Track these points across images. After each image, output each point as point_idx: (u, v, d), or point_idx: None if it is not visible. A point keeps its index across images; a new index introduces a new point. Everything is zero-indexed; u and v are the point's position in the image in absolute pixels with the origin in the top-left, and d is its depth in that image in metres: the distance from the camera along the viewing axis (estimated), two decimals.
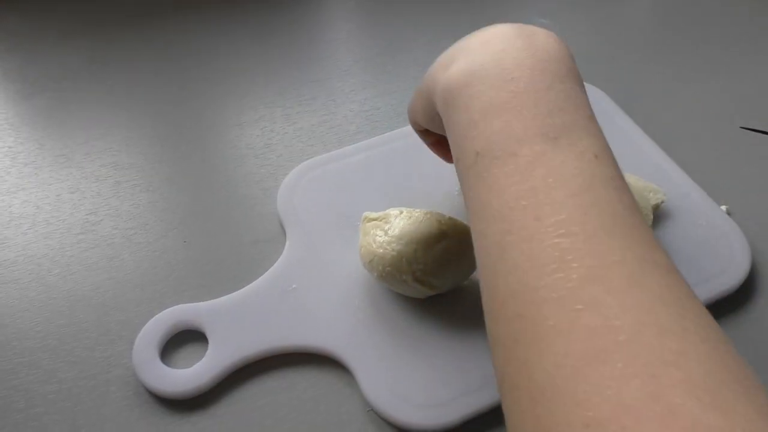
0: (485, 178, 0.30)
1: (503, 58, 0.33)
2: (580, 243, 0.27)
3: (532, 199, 0.28)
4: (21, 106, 0.63)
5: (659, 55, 0.71)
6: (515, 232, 0.28)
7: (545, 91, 0.31)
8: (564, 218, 0.27)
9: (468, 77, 0.33)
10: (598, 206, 0.28)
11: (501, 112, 0.31)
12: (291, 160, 0.58)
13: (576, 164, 0.29)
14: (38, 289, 0.49)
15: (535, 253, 0.27)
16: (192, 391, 0.43)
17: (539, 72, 0.32)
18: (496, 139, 0.30)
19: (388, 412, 0.42)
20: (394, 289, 0.47)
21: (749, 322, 0.49)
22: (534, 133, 0.30)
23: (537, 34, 0.34)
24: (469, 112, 0.32)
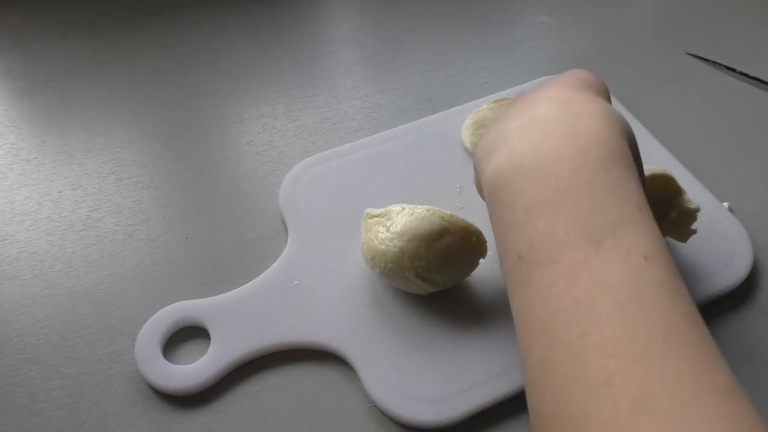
0: (528, 285, 0.29)
1: (542, 149, 0.31)
2: (628, 363, 0.24)
3: (576, 312, 0.26)
4: (23, 104, 0.63)
5: (662, 53, 0.71)
6: (560, 350, 0.26)
7: (587, 187, 0.29)
8: (610, 335, 0.25)
9: (508, 172, 0.32)
10: (648, 318, 0.25)
11: (542, 213, 0.29)
12: (293, 157, 0.58)
13: (622, 269, 0.27)
14: (40, 286, 0.49)
15: (580, 375, 0.25)
16: (194, 388, 0.43)
17: (581, 164, 0.30)
18: (538, 244, 0.29)
19: (390, 408, 0.42)
20: (396, 285, 0.47)
21: (751, 319, 0.49)
22: (576, 236, 0.28)
23: (580, 116, 0.32)
24: (512, 212, 0.31)
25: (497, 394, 0.43)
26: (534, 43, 0.71)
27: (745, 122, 0.63)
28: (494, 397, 0.43)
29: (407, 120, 0.62)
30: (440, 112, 0.61)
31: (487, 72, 0.67)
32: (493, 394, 0.43)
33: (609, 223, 0.28)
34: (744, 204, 0.55)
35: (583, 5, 0.76)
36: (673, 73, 0.68)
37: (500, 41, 0.71)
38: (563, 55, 0.70)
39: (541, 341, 0.27)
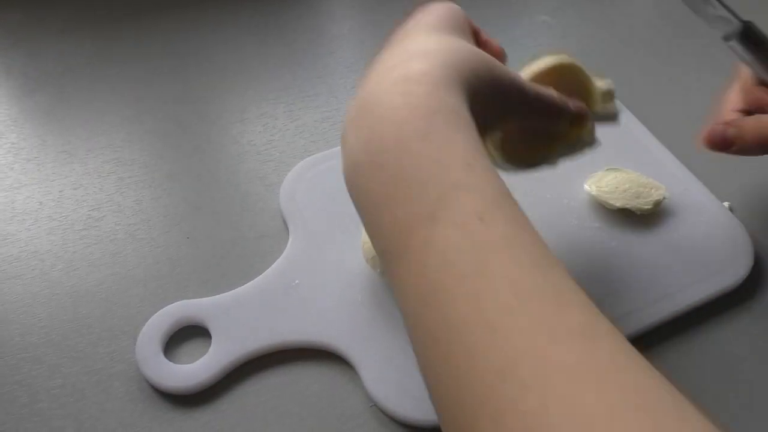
0: (393, 279, 0.30)
1: (370, 139, 0.31)
2: (485, 334, 0.25)
3: (433, 297, 0.27)
4: (23, 103, 0.63)
5: (662, 52, 0.71)
6: (429, 331, 0.28)
7: (412, 165, 0.29)
8: (462, 312, 0.26)
9: (350, 176, 0.32)
10: (493, 287, 0.26)
11: (385, 206, 0.30)
12: (293, 156, 0.58)
13: (460, 242, 0.27)
14: (41, 285, 0.49)
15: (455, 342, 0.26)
16: (195, 387, 0.43)
17: (403, 143, 0.30)
18: (389, 236, 0.29)
19: (390, 407, 0.42)
20: None
21: (751, 318, 0.49)
22: (415, 219, 0.28)
23: (398, 84, 0.32)
24: (365, 212, 0.32)
25: None
26: (534, 42, 0.71)
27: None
28: None
29: None
30: None
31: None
32: None
33: (439, 195, 0.28)
34: (744, 204, 0.55)
35: (584, 4, 0.76)
36: (674, 72, 0.68)
37: (500, 40, 0.71)
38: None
39: (419, 333, 0.29)
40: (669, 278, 0.49)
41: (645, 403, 0.23)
